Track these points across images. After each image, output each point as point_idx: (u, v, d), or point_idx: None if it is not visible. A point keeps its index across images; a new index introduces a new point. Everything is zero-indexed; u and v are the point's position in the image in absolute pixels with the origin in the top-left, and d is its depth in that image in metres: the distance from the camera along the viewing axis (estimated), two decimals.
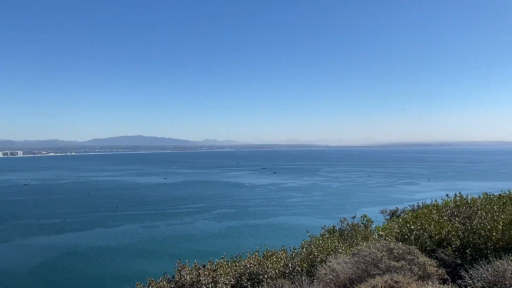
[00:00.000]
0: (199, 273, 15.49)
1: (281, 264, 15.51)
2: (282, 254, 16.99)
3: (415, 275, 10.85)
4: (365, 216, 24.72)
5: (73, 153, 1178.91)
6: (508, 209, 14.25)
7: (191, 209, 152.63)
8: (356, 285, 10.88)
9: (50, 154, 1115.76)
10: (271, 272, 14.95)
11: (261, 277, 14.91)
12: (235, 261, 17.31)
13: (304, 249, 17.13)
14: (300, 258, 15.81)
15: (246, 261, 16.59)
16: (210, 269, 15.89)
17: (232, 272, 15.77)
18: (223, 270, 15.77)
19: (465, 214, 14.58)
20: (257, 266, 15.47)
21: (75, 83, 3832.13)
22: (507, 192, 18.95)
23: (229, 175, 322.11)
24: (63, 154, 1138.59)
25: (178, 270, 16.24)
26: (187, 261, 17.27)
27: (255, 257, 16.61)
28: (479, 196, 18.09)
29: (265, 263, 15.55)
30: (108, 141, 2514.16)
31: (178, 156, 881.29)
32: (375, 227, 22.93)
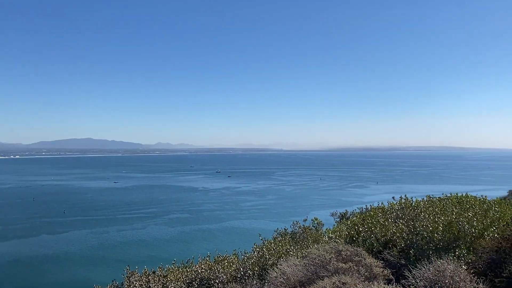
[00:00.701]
0: (148, 279, 15.16)
1: (233, 269, 15.47)
2: (234, 258, 16.96)
3: (362, 276, 11.16)
4: (316, 219, 25.27)
5: (17, 156, 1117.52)
6: (448, 211, 14.96)
7: (143, 214, 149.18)
8: (306, 287, 11.05)
9: None
10: (222, 276, 14.87)
11: (212, 282, 14.80)
12: (186, 267, 17.11)
13: (256, 253, 17.17)
14: (251, 261, 15.82)
15: (197, 266, 16.43)
16: (161, 275, 15.60)
17: (182, 278, 15.55)
18: (174, 276, 15.53)
19: (409, 216, 15.18)
20: (208, 271, 15.36)
21: (18, 82, 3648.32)
22: (448, 195, 20.00)
23: (183, 179, 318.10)
24: (6, 157, 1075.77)
25: (127, 277, 15.84)
26: (136, 267, 16.86)
27: (206, 262, 16.49)
28: (423, 198, 18.91)
29: (216, 268, 15.46)
30: (56, 144, 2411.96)
31: (129, 160, 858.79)
32: (326, 229, 23.45)
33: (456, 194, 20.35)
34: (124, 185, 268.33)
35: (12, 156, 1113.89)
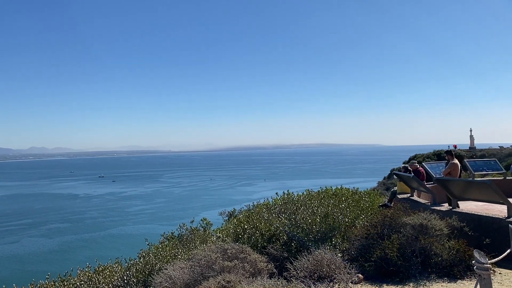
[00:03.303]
0: None
1: (115, 278, 14.62)
2: (117, 267, 16.05)
3: (247, 273, 11.35)
4: (205, 219, 25.18)
5: None
6: (325, 203, 15.99)
7: (15, 227, 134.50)
8: None
9: None
10: (104, 287, 13.98)
11: None
12: (64, 280, 15.67)
13: (141, 259, 16.48)
14: (136, 268, 15.13)
15: (75, 279, 15.19)
16: None
17: None
18: None
19: (291, 210, 15.89)
20: (88, 282, 14.31)
21: None
22: (325, 188, 21.47)
23: (61, 186, 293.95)
24: None
25: None
26: (3, 286, 15.07)
27: (86, 274, 15.33)
28: (303, 193, 19.98)
29: (97, 279, 14.48)
30: None
31: None
32: (214, 229, 23.49)
33: (331, 187, 21.94)
34: None
35: None
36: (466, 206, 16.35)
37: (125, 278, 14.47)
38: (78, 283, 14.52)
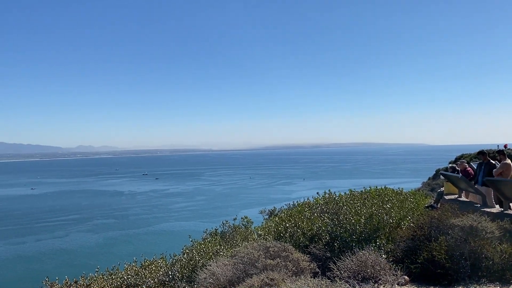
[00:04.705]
0: None
1: (161, 273, 15.02)
2: (162, 262, 16.48)
3: (289, 271, 11.36)
4: (246, 217, 25.32)
5: None
6: (369, 204, 15.73)
7: (64, 222, 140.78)
8: (235, 286, 11.02)
9: None
10: (150, 281, 14.39)
11: None
12: (112, 274, 16.27)
13: (185, 255, 16.83)
14: (180, 264, 15.48)
15: (123, 272, 15.72)
16: (83, 285, 14.71)
17: (107, 286, 14.79)
18: (98, 284, 14.70)
19: (333, 210, 15.73)
20: (135, 277, 14.77)
21: None
22: (368, 188, 21.09)
23: (107, 183, 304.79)
24: None
25: None
26: (56, 278, 15.79)
27: (132, 268, 15.84)
28: (345, 193, 19.73)
29: (143, 273, 14.92)
30: None
31: (48, 165, 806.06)
32: (255, 227, 23.63)
33: (376, 187, 21.52)
34: (43, 192, 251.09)
35: None
36: None
37: (170, 273, 14.84)
38: (125, 277, 15.02)
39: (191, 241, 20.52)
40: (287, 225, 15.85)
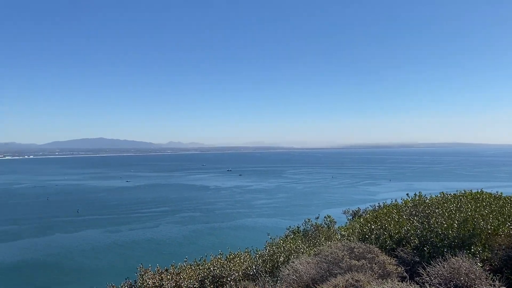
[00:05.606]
0: (161, 277, 15.20)
1: (245, 266, 15.45)
2: (246, 256, 16.92)
3: (375, 274, 11.06)
4: (329, 216, 25.04)
5: (31, 156, 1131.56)
6: (463, 208, 14.75)
7: (154, 213, 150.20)
8: (319, 285, 10.98)
9: (6, 157, 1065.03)
10: (235, 274, 14.86)
11: (224, 279, 14.80)
12: (199, 265, 17.08)
13: (267, 250, 17.14)
14: (263, 259, 15.80)
15: (209, 264, 16.42)
16: (173, 273, 15.63)
17: (195, 276, 15.55)
18: (186, 273, 15.54)
19: (423, 213, 15.00)
20: (221, 268, 15.34)
21: (31, 83, 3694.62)
22: (463, 192, 19.70)
23: (194, 178, 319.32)
24: (21, 157, 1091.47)
25: (140, 275, 15.88)
26: (149, 265, 16.91)
27: (218, 260, 16.47)
28: (437, 195, 18.69)
29: (229, 265, 15.45)
30: (69, 143, 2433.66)
31: (141, 159, 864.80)
32: (338, 227, 23.28)
33: (471, 190, 20.06)
34: (136, 184, 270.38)
35: (26, 156, 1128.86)
36: None
37: (253, 267, 15.20)
38: (211, 268, 15.67)
39: (271, 238, 20.79)
40: (373, 226, 15.41)
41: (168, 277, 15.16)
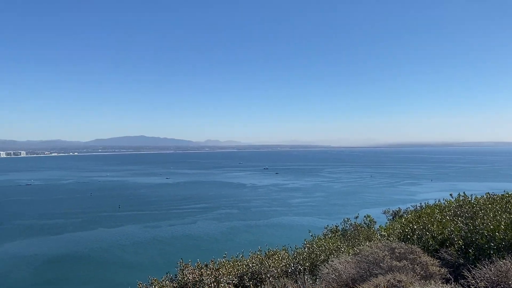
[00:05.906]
0: (201, 272, 15.46)
1: (283, 263, 15.49)
2: (284, 254, 16.96)
3: (417, 275, 10.82)
4: (368, 216, 24.67)
5: (75, 153, 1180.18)
6: (510, 209, 14.19)
7: (193, 209, 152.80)
8: (359, 285, 10.86)
9: (53, 154, 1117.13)
10: (273, 271, 14.93)
11: (263, 276, 14.89)
12: (237, 261, 17.25)
13: (306, 249, 17.10)
14: (302, 257, 15.78)
15: (248, 260, 16.55)
16: (213, 269, 15.86)
17: (234, 272, 15.73)
18: (226, 269, 15.74)
19: (467, 214, 14.51)
20: (259, 265, 15.44)
21: (78, 83, 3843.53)
22: (510, 192, 18.90)
23: (231, 176, 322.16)
24: (66, 154, 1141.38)
25: (180, 270, 16.21)
26: (189, 260, 17.24)
27: (257, 256, 16.59)
28: (482, 196, 18.04)
29: (267, 262, 15.52)
30: (111, 141, 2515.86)
31: (180, 157, 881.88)
32: (378, 227, 22.90)
33: None
34: (176, 181, 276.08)
35: (71, 153, 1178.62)
36: None
37: (292, 265, 15.22)
38: (250, 265, 15.81)
39: (311, 235, 20.72)
40: (415, 227, 15.05)
41: (208, 272, 15.39)
